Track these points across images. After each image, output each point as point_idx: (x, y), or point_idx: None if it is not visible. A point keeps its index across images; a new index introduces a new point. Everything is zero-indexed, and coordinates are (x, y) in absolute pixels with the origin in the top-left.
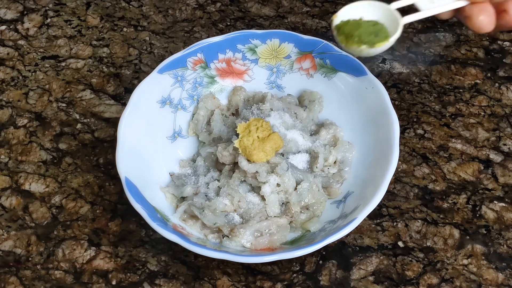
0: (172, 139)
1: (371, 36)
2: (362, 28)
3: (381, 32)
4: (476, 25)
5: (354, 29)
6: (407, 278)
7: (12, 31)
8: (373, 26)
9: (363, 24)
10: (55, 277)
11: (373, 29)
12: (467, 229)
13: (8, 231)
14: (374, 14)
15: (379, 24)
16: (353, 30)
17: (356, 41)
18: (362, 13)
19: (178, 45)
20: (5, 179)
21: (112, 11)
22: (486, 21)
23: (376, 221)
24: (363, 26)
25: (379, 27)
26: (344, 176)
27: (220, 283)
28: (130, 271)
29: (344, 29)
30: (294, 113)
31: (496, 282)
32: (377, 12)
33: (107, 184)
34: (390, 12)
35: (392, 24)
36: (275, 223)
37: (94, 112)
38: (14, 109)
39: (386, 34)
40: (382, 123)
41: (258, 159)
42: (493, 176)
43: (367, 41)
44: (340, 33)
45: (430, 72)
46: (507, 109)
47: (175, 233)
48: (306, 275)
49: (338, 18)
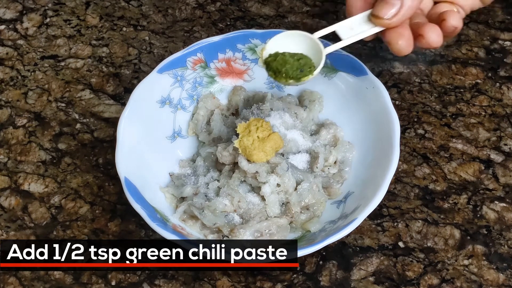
0: (171, 139)
1: (297, 71)
2: (289, 65)
3: (306, 66)
4: (395, 49)
5: (281, 66)
6: (408, 279)
7: (11, 31)
8: (298, 61)
9: (288, 60)
10: (55, 277)
11: (298, 65)
12: (467, 230)
13: (7, 231)
14: (300, 45)
15: (304, 58)
16: (280, 66)
17: (284, 77)
18: (289, 44)
19: (177, 45)
20: (4, 179)
21: (111, 11)
22: (404, 45)
23: (376, 221)
24: (289, 63)
25: (304, 61)
26: (344, 176)
27: (220, 284)
28: (129, 271)
29: (272, 66)
30: (294, 113)
31: (497, 283)
32: (303, 42)
33: (107, 184)
34: (314, 42)
35: (317, 54)
36: (275, 224)
37: (94, 112)
38: (13, 109)
39: (311, 66)
40: (383, 123)
41: (258, 159)
42: (494, 176)
43: (293, 77)
44: (269, 69)
45: (430, 72)
46: (508, 109)
47: (174, 233)
48: (306, 276)
49: (267, 51)
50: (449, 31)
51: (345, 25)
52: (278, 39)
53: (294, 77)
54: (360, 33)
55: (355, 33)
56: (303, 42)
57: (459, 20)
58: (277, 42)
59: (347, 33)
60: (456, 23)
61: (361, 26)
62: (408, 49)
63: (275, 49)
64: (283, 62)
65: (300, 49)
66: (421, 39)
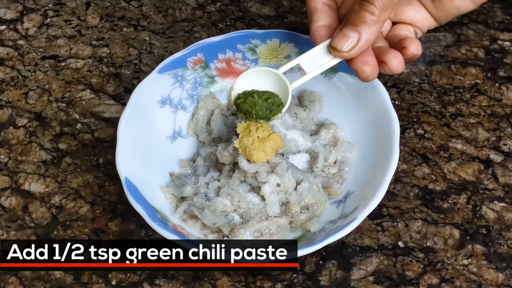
0: (172, 139)
1: (266, 111)
2: (258, 106)
3: (274, 105)
4: (362, 77)
5: (251, 108)
6: (407, 278)
7: (12, 31)
8: (266, 101)
9: (257, 102)
10: (55, 277)
11: (267, 105)
12: (467, 229)
13: (8, 231)
14: (267, 80)
15: (272, 96)
16: (250, 108)
17: (254, 118)
18: (256, 80)
19: (178, 45)
20: (4, 179)
21: (112, 11)
22: (370, 72)
23: (376, 221)
24: (258, 104)
25: (272, 100)
26: (344, 176)
27: (220, 283)
28: (130, 271)
29: (242, 108)
30: (294, 113)
31: (496, 282)
32: (269, 78)
33: (107, 184)
34: (280, 78)
35: (283, 88)
36: (275, 223)
37: (94, 112)
38: (14, 109)
39: (279, 104)
40: (382, 123)
41: (258, 159)
42: (493, 176)
43: (263, 117)
44: (239, 110)
45: (430, 72)
46: (507, 109)
47: (175, 233)
48: (306, 275)
49: (235, 91)
50: (409, 58)
51: (307, 57)
52: (245, 77)
53: (264, 117)
54: (322, 64)
55: (318, 65)
56: (269, 78)
57: (418, 47)
58: (244, 80)
59: (311, 66)
60: (416, 51)
61: (322, 58)
62: (374, 75)
63: (243, 88)
64: (253, 104)
65: (267, 84)
66: (383, 65)
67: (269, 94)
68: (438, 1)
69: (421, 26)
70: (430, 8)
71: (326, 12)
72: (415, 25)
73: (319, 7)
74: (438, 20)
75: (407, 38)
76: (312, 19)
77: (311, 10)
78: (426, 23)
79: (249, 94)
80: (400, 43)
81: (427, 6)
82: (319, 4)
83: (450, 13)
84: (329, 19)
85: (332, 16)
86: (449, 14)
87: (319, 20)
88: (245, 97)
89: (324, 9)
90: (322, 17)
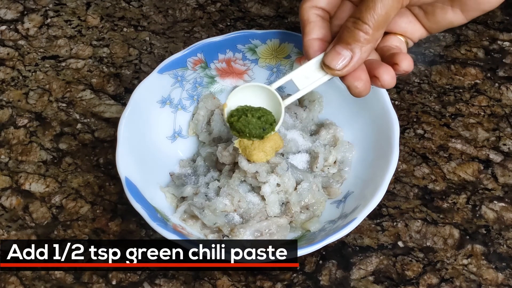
0: (172, 139)
1: (260, 130)
2: (251, 125)
3: (267, 123)
4: (354, 93)
5: (244, 127)
6: (407, 278)
7: (12, 31)
8: (260, 119)
9: (251, 121)
10: (55, 277)
11: (260, 124)
12: (467, 229)
13: (8, 231)
14: (259, 96)
15: (265, 114)
16: (244, 127)
17: (248, 136)
18: (249, 96)
19: (178, 45)
20: (5, 179)
21: (112, 11)
22: (363, 88)
23: (376, 221)
24: (251, 123)
25: (265, 118)
26: (344, 176)
27: (220, 283)
28: (130, 271)
29: (236, 126)
30: (294, 113)
31: (496, 282)
32: (262, 94)
33: (107, 184)
34: (273, 94)
35: (276, 104)
36: (275, 223)
37: (94, 112)
38: (14, 109)
39: (272, 121)
40: (382, 123)
41: (258, 159)
42: (493, 176)
43: (256, 136)
44: (233, 129)
45: (430, 72)
46: (507, 109)
47: (175, 233)
48: (306, 275)
49: (228, 107)
50: (400, 73)
51: (300, 74)
52: (238, 92)
53: (257, 136)
54: (315, 81)
55: (310, 81)
56: (262, 93)
57: (410, 64)
58: (237, 96)
59: (303, 82)
60: (408, 67)
61: (315, 74)
62: (367, 91)
63: (236, 103)
64: (246, 123)
65: (260, 100)
66: (375, 80)
67: (262, 112)
68: (431, 15)
69: (412, 36)
70: (423, 20)
71: (319, 24)
72: (406, 36)
73: (312, 19)
74: (430, 31)
75: (399, 54)
76: (305, 31)
77: (304, 22)
78: (417, 34)
79: (243, 112)
80: (392, 58)
81: (419, 17)
82: (312, 16)
83: (442, 26)
84: (322, 31)
85: (325, 28)
86: (441, 27)
87: (312, 33)
88: (239, 114)
89: (317, 21)
90: (315, 29)
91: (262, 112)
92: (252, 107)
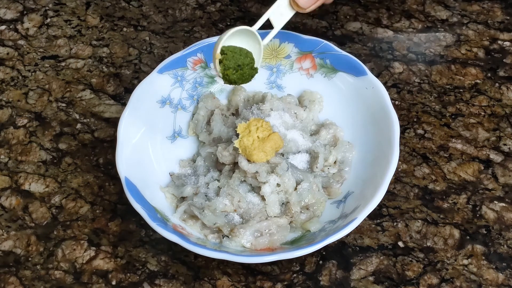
0: (172, 139)
1: (249, 77)
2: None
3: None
4: None
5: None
6: (407, 278)
7: (12, 31)
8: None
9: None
10: (55, 277)
11: (250, 72)
12: (467, 229)
13: (8, 231)
14: (244, 39)
15: (252, 62)
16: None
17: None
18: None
19: (178, 45)
20: (5, 179)
21: (112, 11)
22: None
23: (376, 221)
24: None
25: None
26: (344, 176)
27: (220, 283)
28: (130, 271)
29: (231, 79)
30: (294, 113)
31: (496, 282)
32: (246, 36)
33: (107, 184)
34: (254, 38)
35: (255, 47)
36: (275, 223)
37: (94, 112)
38: (14, 109)
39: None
40: (382, 123)
41: (258, 159)
42: (493, 176)
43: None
44: (227, 80)
45: (430, 72)
46: (507, 109)
47: (175, 233)
48: (306, 275)
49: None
50: None
51: (276, 11)
52: (225, 41)
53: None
54: (286, 17)
55: (284, 18)
56: (246, 36)
57: None
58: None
59: (279, 20)
60: None
61: (287, 10)
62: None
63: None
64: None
65: (241, 42)
66: None
67: (251, 60)
68: None
69: None
70: None
71: None
72: None
73: None
74: None
75: None
76: None
77: None
78: None
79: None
80: None
81: None
82: None
83: None
84: None
85: None
86: None
87: None
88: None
89: None
90: None
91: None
92: (235, 46)
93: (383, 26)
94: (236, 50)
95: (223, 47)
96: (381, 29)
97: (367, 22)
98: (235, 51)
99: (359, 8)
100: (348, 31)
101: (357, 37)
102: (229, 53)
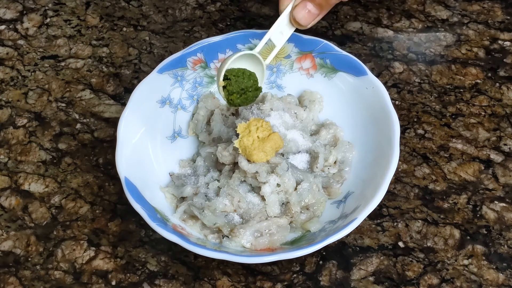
0: (172, 139)
1: (253, 98)
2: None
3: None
4: None
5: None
6: (408, 279)
7: (12, 31)
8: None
9: (248, 96)
10: (55, 277)
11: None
12: (467, 229)
13: (7, 231)
14: (244, 63)
15: (255, 83)
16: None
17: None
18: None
19: (178, 45)
20: (4, 179)
21: (111, 11)
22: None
23: (376, 221)
24: (248, 98)
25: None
26: (344, 176)
27: (220, 284)
28: (129, 271)
29: (235, 103)
30: (294, 113)
31: (497, 283)
32: (248, 57)
33: (107, 184)
34: (256, 58)
35: (258, 67)
36: (275, 223)
37: (94, 112)
38: (13, 109)
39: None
40: (383, 123)
41: (258, 159)
42: (493, 176)
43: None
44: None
45: (430, 72)
46: (508, 109)
47: (175, 233)
48: (306, 276)
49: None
50: None
51: (276, 30)
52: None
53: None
54: (286, 35)
55: (284, 37)
56: (246, 60)
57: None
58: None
59: (279, 39)
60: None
61: (287, 28)
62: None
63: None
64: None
65: (244, 64)
66: None
67: (254, 82)
68: None
69: None
70: None
71: None
72: None
73: None
74: None
75: None
76: None
77: None
78: None
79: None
80: None
81: None
82: None
83: None
84: None
85: None
86: None
87: None
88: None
89: None
90: None
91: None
92: (238, 69)
93: (383, 26)
94: (239, 73)
95: (226, 71)
96: (381, 29)
97: (367, 22)
98: (238, 75)
99: (359, 8)
100: (348, 31)
101: (357, 37)
102: (232, 78)
